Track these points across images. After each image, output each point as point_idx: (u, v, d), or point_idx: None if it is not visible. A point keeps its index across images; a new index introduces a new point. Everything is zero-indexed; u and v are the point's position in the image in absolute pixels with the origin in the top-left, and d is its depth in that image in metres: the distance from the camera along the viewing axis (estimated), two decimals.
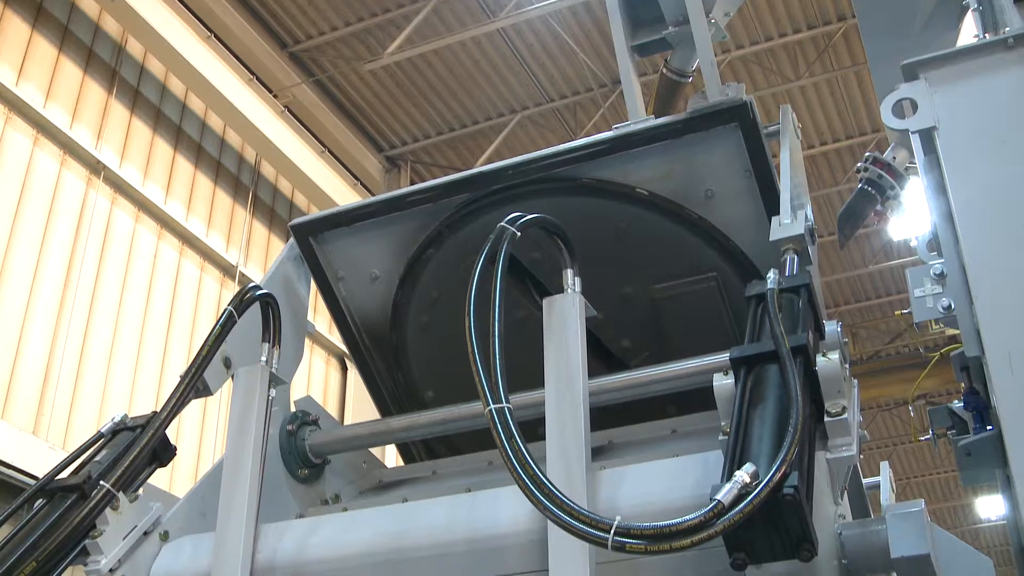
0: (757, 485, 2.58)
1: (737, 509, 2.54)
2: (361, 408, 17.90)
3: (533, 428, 3.46)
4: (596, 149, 4.55)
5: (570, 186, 4.61)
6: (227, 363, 4.31)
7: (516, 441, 2.96)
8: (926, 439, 5.34)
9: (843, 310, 26.22)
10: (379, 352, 5.24)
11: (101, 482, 3.79)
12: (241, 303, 4.20)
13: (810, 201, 4.24)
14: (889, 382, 24.14)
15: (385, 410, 5.33)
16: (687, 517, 2.56)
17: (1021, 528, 3.35)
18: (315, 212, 5.43)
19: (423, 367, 5.21)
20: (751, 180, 4.37)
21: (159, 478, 5.95)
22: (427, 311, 5.05)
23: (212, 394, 4.27)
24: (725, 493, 2.58)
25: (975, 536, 34.45)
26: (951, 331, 4.39)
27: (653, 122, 4.50)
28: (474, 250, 3.48)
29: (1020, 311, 3.50)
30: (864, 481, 4.38)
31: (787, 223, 3.86)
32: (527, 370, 3.64)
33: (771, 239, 3.85)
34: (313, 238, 5.01)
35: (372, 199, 5.03)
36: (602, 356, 4.80)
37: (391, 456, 11.90)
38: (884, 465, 4.73)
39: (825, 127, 21.36)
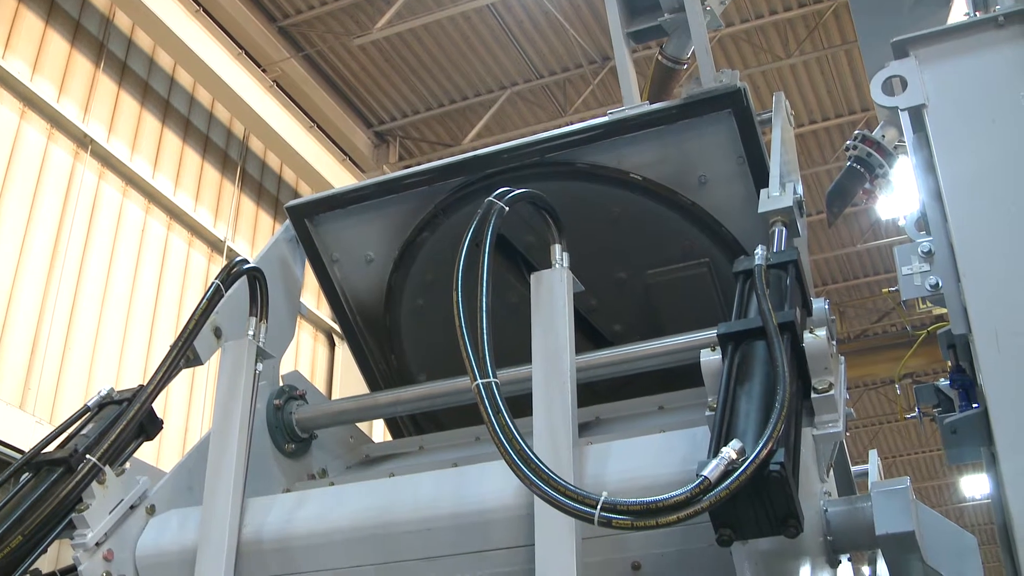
0: (743, 461, 2.58)
1: (723, 485, 2.55)
2: (349, 383, 17.90)
3: (522, 404, 3.47)
4: (591, 134, 4.57)
5: (565, 171, 4.63)
6: (218, 333, 4.31)
7: (503, 416, 2.96)
8: (912, 417, 5.37)
9: (831, 289, 26.25)
10: (373, 334, 5.25)
11: (87, 456, 3.79)
12: (228, 277, 4.21)
13: (800, 179, 4.25)
14: (876, 361, 24.19)
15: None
16: (673, 493, 2.56)
17: (1005, 507, 3.36)
18: (308, 193, 5.46)
19: (416, 350, 5.22)
20: (744, 166, 4.39)
21: (146, 452, 5.94)
22: (421, 294, 5.06)
23: (203, 363, 4.28)
24: (712, 469, 2.58)
25: (959, 515, 34.62)
26: (938, 310, 4.40)
27: (647, 107, 4.52)
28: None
29: (1007, 289, 3.51)
30: (853, 469, 4.41)
31: (776, 195, 3.88)
32: (521, 354, 3.64)
33: (759, 211, 3.87)
34: (308, 220, 5.02)
35: (368, 182, 5.03)
36: (595, 341, 4.82)
37: (379, 433, 11.89)
38: (873, 453, 4.76)
39: (815, 106, 21.34)
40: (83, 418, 4.10)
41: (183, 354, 4.08)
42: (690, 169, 4.52)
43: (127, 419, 3.92)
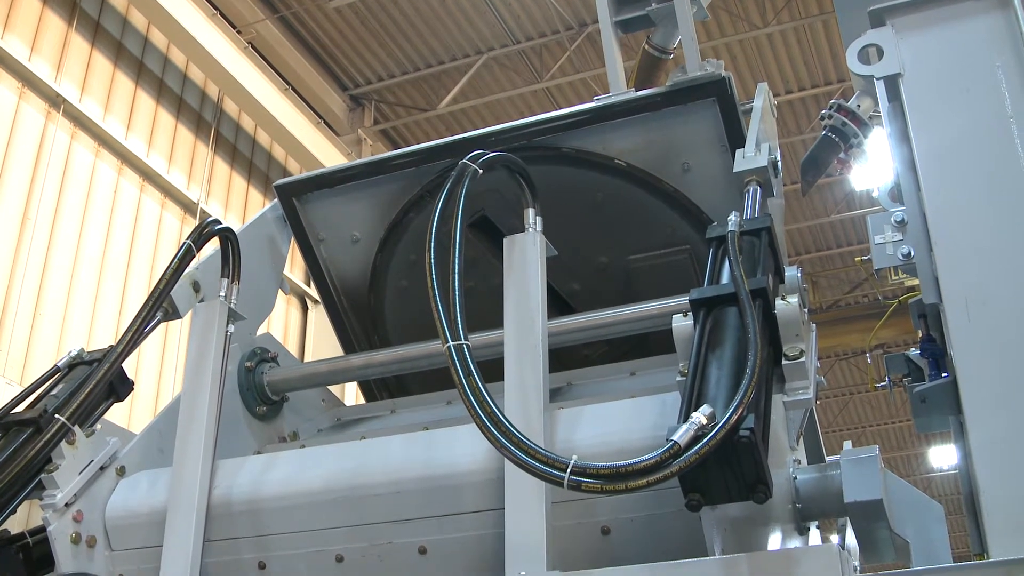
0: (713, 427, 2.59)
1: (693, 450, 2.56)
2: (321, 348, 17.86)
3: (496, 369, 3.47)
4: (578, 119, 4.64)
5: (551, 155, 4.68)
6: (196, 287, 4.32)
7: (474, 378, 2.97)
8: (882, 386, 5.41)
9: (804, 259, 26.30)
10: (357, 314, 5.29)
11: (56, 415, 3.76)
12: (200, 237, 4.19)
13: (778, 149, 4.28)
14: (848, 331, 24.32)
15: None
16: (643, 457, 2.57)
17: (972, 476, 3.39)
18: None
19: (399, 330, 5.26)
20: (726, 155, 4.43)
21: (118, 414, 5.91)
22: (405, 275, 5.10)
23: (181, 316, 4.27)
24: (681, 434, 2.59)
25: (927, 484, 34.89)
26: (910, 281, 4.42)
27: (633, 94, 4.60)
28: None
29: (978, 259, 3.53)
30: (828, 459, 4.45)
31: (751, 155, 3.92)
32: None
33: (734, 171, 3.92)
34: (296, 198, 5.07)
35: (356, 162, 5.11)
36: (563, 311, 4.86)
37: (351, 399, 11.87)
38: (847, 444, 4.82)
39: (791, 75, 21.32)
40: (53, 378, 4.09)
41: (152, 314, 4.06)
42: (674, 156, 4.59)
43: (96, 378, 3.90)
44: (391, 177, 4.93)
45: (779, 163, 4.01)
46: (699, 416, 2.63)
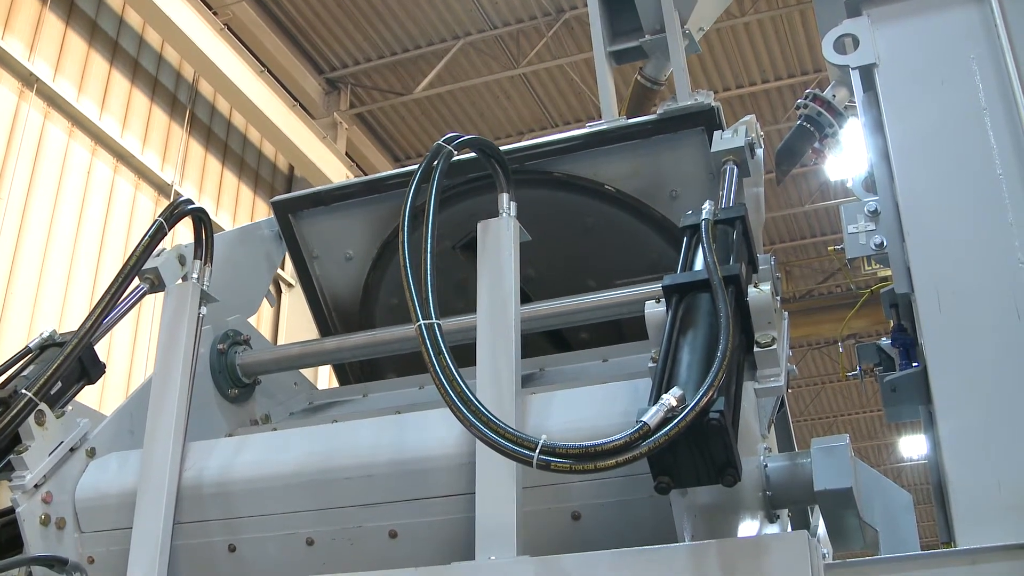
0: (683, 409, 2.60)
1: (662, 432, 2.56)
2: (294, 332, 17.83)
3: (470, 354, 3.48)
4: (569, 144, 4.70)
5: (542, 179, 4.73)
6: (182, 260, 4.31)
7: (445, 358, 2.98)
8: (853, 375, 5.45)
9: (778, 248, 26.40)
10: (347, 331, 5.31)
11: (22, 391, 3.74)
12: (172, 215, 4.17)
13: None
14: (821, 321, 24.40)
15: None
16: (612, 438, 2.58)
17: (940, 465, 3.42)
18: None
19: None
20: (714, 183, 4.45)
21: (89, 397, 5.88)
22: (397, 293, 5.11)
23: (167, 288, 4.25)
24: (651, 416, 2.59)
25: (897, 474, 35.12)
26: (883, 271, 4.45)
27: (625, 122, 4.67)
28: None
29: (950, 249, 3.55)
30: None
31: (728, 137, 3.94)
32: None
33: (712, 151, 3.95)
34: (292, 215, 5.10)
35: (353, 181, 5.14)
36: (561, 347, 4.95)
37: (325, 383, 11.82)
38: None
39: (768, 64, 21.37)
40: (24, 360, 4.07)
41: (120, 291, 4.02)
42: (662, 183, 4.64)
43: (66, 352, 3.86)
44: (386, 196, 4.95)
45: (755, 145, 4.02)
46: (669, 398, 2.63)
